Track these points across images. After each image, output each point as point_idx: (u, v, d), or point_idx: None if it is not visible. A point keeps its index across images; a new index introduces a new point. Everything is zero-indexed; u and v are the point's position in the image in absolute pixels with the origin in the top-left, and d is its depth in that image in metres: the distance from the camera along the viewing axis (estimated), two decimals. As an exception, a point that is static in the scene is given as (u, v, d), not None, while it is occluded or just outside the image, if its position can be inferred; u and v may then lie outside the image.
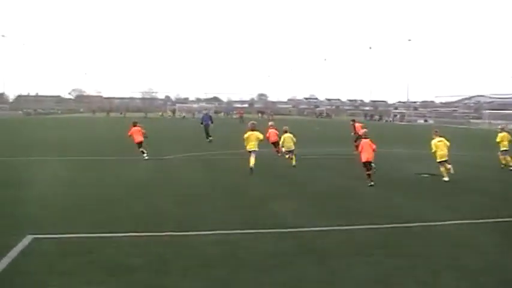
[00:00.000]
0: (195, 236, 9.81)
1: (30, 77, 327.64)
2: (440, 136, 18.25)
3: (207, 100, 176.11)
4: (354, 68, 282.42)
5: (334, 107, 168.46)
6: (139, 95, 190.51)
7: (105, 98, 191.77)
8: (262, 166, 19.44)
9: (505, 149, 21.58)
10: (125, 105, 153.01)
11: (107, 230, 10.09)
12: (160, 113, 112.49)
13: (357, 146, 22.64)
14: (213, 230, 10.17)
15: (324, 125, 68.88)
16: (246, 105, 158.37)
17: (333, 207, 12.95)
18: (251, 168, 18.70)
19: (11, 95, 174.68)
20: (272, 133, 23.32)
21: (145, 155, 22.84)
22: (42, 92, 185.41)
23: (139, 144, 23.30)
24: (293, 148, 20.86)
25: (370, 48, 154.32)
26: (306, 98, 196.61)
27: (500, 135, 22.12)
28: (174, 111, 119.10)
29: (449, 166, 17.40)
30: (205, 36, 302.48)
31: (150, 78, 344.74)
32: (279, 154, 22.61)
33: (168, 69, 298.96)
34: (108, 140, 35.33)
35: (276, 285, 7.20)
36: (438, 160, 17.71)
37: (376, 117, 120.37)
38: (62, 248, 8.86)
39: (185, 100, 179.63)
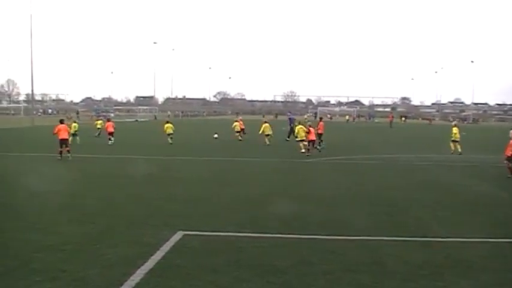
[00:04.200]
0: (339, 241, 9.70)
1: (178, 80, 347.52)
2: (301, 124, 27.75)
3: (349, 104, 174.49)
4: (504, 70, 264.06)
5: (481, 112, 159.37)
6: (281, 98, 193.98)
7: (248, 100, 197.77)
8: (408, 170, 18.88)
9: None
10: (267, 108, 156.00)
11: (253, 230, 10.34)
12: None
13: None
14: (357, 236, 10.03)
15: (472, 131, 65.22)
16: (388, 109, 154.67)
17: (479, 217, 12.22)
18: None
19: (160, 98, 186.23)
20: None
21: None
22: (188, 95, 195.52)
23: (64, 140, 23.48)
24: None
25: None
26: (451, 102, 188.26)
27: None
28: (315, 115, 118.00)
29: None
30: (349, 39, 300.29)
31: (293, 81, 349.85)
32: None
33: (311, 72, 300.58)
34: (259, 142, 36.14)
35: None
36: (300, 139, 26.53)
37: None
38: (210, 245, 9.20)
39: (326, 103, 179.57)
